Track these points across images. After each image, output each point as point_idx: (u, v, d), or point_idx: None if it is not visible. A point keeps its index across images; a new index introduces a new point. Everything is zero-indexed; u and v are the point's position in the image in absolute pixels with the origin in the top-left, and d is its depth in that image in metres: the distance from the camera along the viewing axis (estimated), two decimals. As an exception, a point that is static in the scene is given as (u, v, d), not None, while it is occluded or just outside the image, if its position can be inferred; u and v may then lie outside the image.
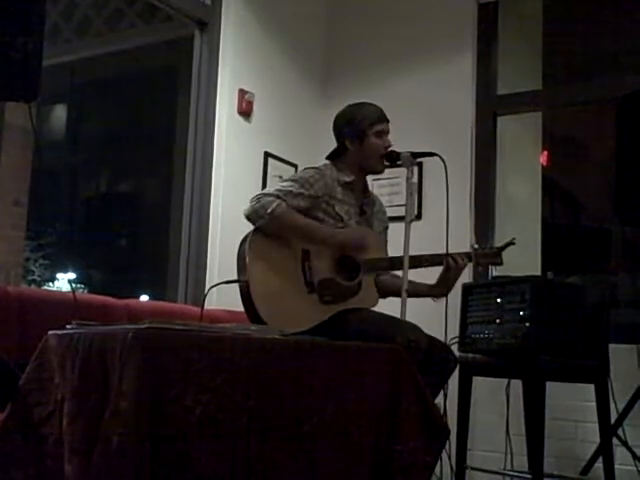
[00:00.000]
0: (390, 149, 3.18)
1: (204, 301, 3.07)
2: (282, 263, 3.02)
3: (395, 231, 3.20)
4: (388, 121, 3.25)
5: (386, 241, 3.39)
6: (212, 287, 3.12)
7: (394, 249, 3.10)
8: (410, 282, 2.93)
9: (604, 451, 3.33)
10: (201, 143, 4.30)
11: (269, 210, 2.96)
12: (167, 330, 2.05)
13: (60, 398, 2.18)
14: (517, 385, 3.60)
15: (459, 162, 4.36)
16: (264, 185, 4.46)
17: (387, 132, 3.24)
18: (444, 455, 2.74)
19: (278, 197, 3.00)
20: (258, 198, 3.01)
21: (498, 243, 3.80)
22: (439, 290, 3.17)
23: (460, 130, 4.55)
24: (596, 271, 5.73)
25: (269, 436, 2.12)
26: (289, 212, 3.01)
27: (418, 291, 3.14)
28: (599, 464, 3.36)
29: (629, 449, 3.36)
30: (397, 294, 3.10)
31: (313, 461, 2.21)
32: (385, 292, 3.25)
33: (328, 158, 3.30)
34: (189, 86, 4.41)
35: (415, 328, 2.91)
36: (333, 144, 3.30)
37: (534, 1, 4.96)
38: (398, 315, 2.83)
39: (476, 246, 3.30)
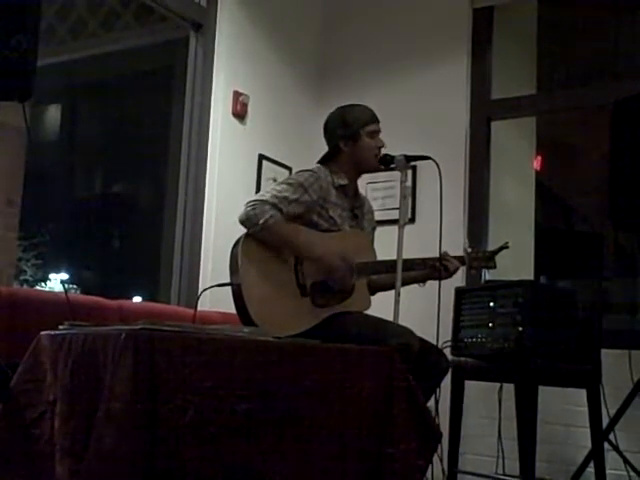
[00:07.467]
0: (384, 151, 3.19)
1: (197, 303, 3.07)
2: (275, 266, 3.01)
3: (388, 234, 3.20)
4: (379, 121, 3.26)
5: (373, 241, 3.40)
6: (205, 290, 3.11)
7: (387, 252, 3.10)
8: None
9: (595, 456, 3.34)
10: (195, 145, 4.31)
11: (262, 220, 2.95)
12: (160, 331, 2.05)
13: (52, 399, 2.18)
14: (509, 389, 3.60)
15: (453, 166, 4.37)
16: (258, 187, 4.46)
17: (379, 132, 3.25)
18: (436, 458, 2.74)
19: (274, 206, 2.99)
20: (254, 205, 2.98)
21: (491, 247, 3.82)
22: (423, 277, 3.23)
23: (454, 134, 4.56)
24: (589, 276, 5.74)
25: (263, 438, 2.12)
26: (280, 225, 3.00)
27: (404, 277, 3.12)
28: (590, 469, 3.37)
29: (620, 454, 3.36)
30: (384, 289, 3.23)
31: (306, 463, 2.21)
32: (375, 289, 3.27)
33: (320, 162, 3.30)
34: (184, 88, 4.41)
35: (408, 331, 2.91)
36: (327, 147, 3.30)
37: (529, 6, 4.97)
38: (391, 318, 2.83)
39: (469, 250, 3.32)
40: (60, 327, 2.35)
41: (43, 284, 9.23)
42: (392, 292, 2.86)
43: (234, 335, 2.30)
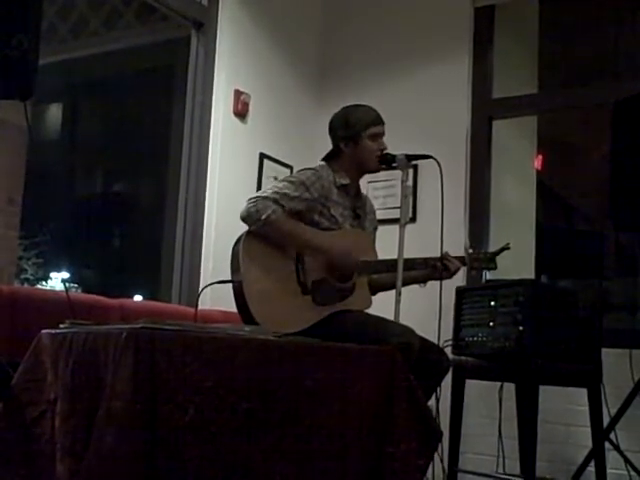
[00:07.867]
0: (385, 152, 3.18)
1: (197, 301, 3.07)
2: (276, 264, 3.01)
3: (389, 233, 3.20)
4: (384, 123, 3.25)
5: (374, 241, 3.40)
6: (205, 287, 3.12)
7: (388, 251, 3.10)
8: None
9: (596, 455, 3.34)
10: (196, 143, 4.31)
11: (264, 216, 2.95)
12: (161, 330, 2.05)
13: (53, 398, 2.18)
14: (510, 388, 3.60)
15: (454, 165, 4.36)
16: (259, 186, 4.46)
17: (382, 134, 3.23)
18: (436, 457, 2.74)
19: (275, 201, 2.99)
20: (255, 201, 2.99)
21: (492, 246, 3.83)
22: (424, 277, 3.22)
23: (455, 133, 4.56)
24: (589, 275, 5.74)
25: (263, 438, 2.12)
26: (283, 220, 3.00)
27: (405, 277, 3.12)
28: (591, 468, 3.36)
29: (621, 453, 3.36)
30: (385, 289, 3.20)
31: (306, 463, 2.21)
32: (376, 288, 3.27)
33: (324, 160, 3.30)
34: (185, 87, 4.41)
35: (408, 330, 2.91)
36: (329, 146, 3.30)
37: (530, 5, 4.97)
38: (392, 317, 2.83)
39: (470, 250, 3.32)
40: (61, 326, 2.35)
41: (44, 283, 9.24)
42: (393, 291, 2.86)
43: (235, 334, 2.30)
